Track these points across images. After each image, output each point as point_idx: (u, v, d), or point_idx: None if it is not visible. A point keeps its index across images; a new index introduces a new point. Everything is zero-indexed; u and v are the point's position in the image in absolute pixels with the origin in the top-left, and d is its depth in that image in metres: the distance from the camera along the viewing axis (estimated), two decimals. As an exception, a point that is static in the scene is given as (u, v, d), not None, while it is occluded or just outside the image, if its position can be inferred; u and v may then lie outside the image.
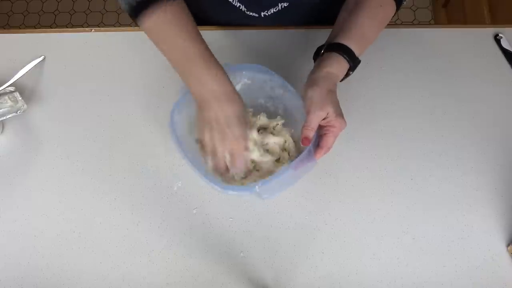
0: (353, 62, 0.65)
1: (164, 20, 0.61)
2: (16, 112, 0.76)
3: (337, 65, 0.65)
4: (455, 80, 0.81)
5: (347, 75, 0.67)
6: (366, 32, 0.67)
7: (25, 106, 0.77)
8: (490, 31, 0.85)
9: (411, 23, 1.92)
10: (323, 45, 0.68)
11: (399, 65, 0.82)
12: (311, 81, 0.64)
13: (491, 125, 0.77)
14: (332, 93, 0.63)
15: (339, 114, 0.63)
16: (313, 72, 0.66)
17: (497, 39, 0.84)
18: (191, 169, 0.61)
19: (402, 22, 1.91)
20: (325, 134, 0.64)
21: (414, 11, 1.97)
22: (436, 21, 1.90)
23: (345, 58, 0.64)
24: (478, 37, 0.85)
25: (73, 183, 0.73)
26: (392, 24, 0.75)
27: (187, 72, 0.62)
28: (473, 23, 1.54)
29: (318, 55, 0.69)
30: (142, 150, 0.76)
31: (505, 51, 0.83)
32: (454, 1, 1.78)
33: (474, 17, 1.60)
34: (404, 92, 0.80)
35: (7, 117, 0.76)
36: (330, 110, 0.62)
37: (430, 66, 0.82)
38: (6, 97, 0.77)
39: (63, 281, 0.67)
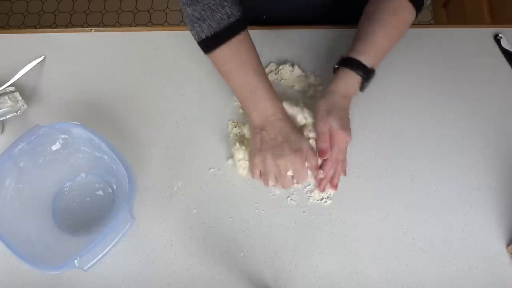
0: (366, 74, 0.68)
1: (229, 54, 0.66)
2: (16, 112, 0.76)
3: (348, 79, 0.68)
4: (455, 80, 0.81)
5: (364, 85, 0.69)
6: (379, 42, 0.68)
7: (25, 106, 0.77)
8: (490, 31, 0.85)
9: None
10: (339, 60, 0.70)
11: (399, 65, 0.82)
12: (322, 95, 0.69)
13: (491, 125, 0.77)
14: (337, 106, 0.67)
15: (343, 127, 0.66)
16: (327, 94, 0.69)
17: (497, 39, 0.84)
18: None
19: (402, 22, 1.91)
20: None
21: (414, 11, 1.97)
22: (436, 21, 1.90)
23: (357, 73, 0.67)
24: (478, 37, 0.85)
25: (73, 183, 0.73)
26: (392, 24, 0.75)
27: (248, 101, 0.68)
28: (473, 23, 1.54)
29: (335, 70, 0.71)
30: (142, 150, 0.76)
31: (505, 51, 0.83)
32: (454, 1, 1.78)
33: (474, 17, 1.60)
34: (404, 92, 0.80)
35: (7, 117, 0.76)
36: (332, 122, 0.66)
37: (430, 66, 0.82)
38: (6, 97, 0.77)
39: (63, 281, 0.67)
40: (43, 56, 0.84)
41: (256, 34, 0.85)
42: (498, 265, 0.67)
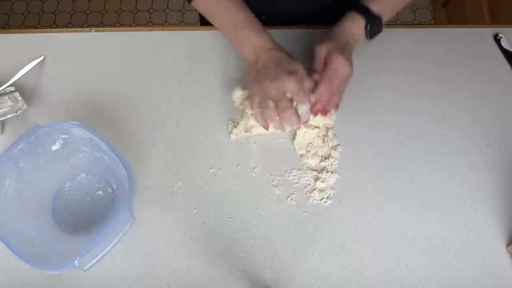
0: (370, 19, 0.69)
1: None
2: (16, 112, 0.76)
3: (352, 22, 0.70)
4: (455, 80, 0.81)
5: (371, 34, 0.71)
6: None
7: (25, 106, 0.77)
8: (490, 31, 0.85)
9: (411, 23, 1.92)
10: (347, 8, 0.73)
11: (399, 65, 0.82)
12: (321, 38, 0.70)
13: (491, 125, 0.77)
14: (337, 37, 0.69)
15: (343, 53, 0.67)
16: (327, 30, 0.72)
17: (497, 39, 0.84)
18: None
19: (402, 22, 1.91)
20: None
21: (414, 11, 1.97)
22: (436, 21, 1.90)
23: (361, 15, 0.69)
24: (478, 37, 0.85)
25: (73, 183, 0.73)
26: (392, 24, 0.76)
27: (235, 37, 0.71)
28: (473, 23, 1.54)
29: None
30: (142, 150, 0.76)
31: (505, 51, 0.83)
32: (454, 1, 1.78)
33: (474, 17, 1.60)
34: (404, 92, 0.80)
35: (7, 117, 0.76)
36: (330, 45, 0.67)
37: (430, 66, 0.82)
38: (6, 97, 0.77)
39: (63, 281, 0.67)
40: (43, 56, 0.84)
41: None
42: (498, 265, 0.67)
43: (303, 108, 0.65)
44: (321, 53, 0.68)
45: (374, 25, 0.71)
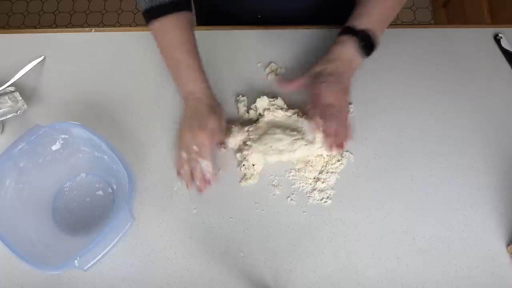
0: (362, 37, 0.70)
1: (163, 29, 0.72)
2: (16, 112, 0.76)
3: (341, 45, 0.70)
4: (455, 80, 0.81)
5: (367, 51, 0.71)
6: (377, 11, 0.72)
7: (25, 106, 0.77)
8: (490, 31, 0.85)
9: (411, 23, 1.92)
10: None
11: (399, 65, 0.82)
12: (317, 63, 0.72)
13: (491, 125, 0.77)
14: (332, 62, 0.70)
15: (335, 79, 0.69)
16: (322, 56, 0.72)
17: (497, 39, 0.84)
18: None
19: (402, 22, 1.91)
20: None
21: (414, 11, 1.97)
22: (436, 21, 1.90)
23: (350, 35, 0.70)
24: (478, 37, 0.85)
25: (73, 183, 0.73)
26: (392, 24, 0.76)
27: (173, 76, 0.75)
28: (473, 23, 1.54)
29: None
30: (142, 150, 0.76)
31: (505, 51, 0.83)
32: (454, 1, 1.78)
33: (474, 17, 1.60)
34: (404, 92, 0.80)
35: (7, 117, 0.76)
36: (326, 67, 0.69)
37: (430, 66, 0.82)
38: (6, 97, 0.77)
39: (63, 281, 0.67)
40: (43, 56, 0.84)
41: (254, 34, 0.85)
42: (498, 265, 0.67)
43: (203, 163, 0.68)
44: (309, 77, 0.71)
45: (366, 43, 0.70)
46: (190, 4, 0.75)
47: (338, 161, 0.73)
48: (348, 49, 0.70)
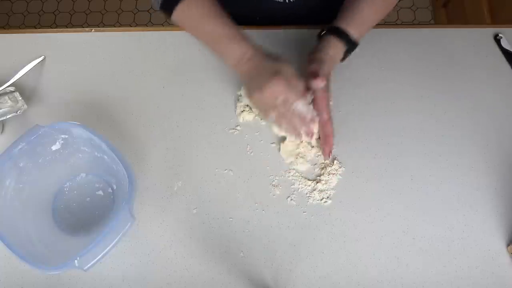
0: (350, 45, 0.70)
1: (191, 7, 0.68)
2: (16, 112, 0.76)
3: (334, 48, 0.70)
4: (455, 80, 0.81)
5: (345, 56, 0.71)
6: (365, 17, 0.71)
7: (25, 106, 0.77)
8: (490, 31, 0.85)
9: (411, 23, 1.92)
10: (325, 26, 0.72)
11: (399, 65, 0.82)
12: (315, 62, 0.69)
13: (491, 125, 0.77)
14: (329, 76, 0.69)
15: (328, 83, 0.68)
16: (311, 53, 0.70)
17: (497, 39, 0.84)
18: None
19: (402, 22, 1.91)
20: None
21: (414, 11, 1.97)
22: (436, 21, 1.90)
23: (341, 41, 0.69)
24: (478, 37, 0.85)
25: (73, 183, 0.73)
26: (392, 24, 0.76)
27: (216, 51, 0.70)
28: (473, 23, 1.54)
29: (320, 36, 0.73)
30: (142, 150, 0.76)
31: (505, 51, 0.83)
32: (454, 1, 1.78)
33: (474, 17, 1.60)
34: (404, 92, 0.80)
35: (7, 117, 0.76)
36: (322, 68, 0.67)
37: (430, 66, 0.82)
38: (6, 97, 0.77)
39: (63, 281, 0.67)
40: (43, 56, 0.84)
41: (253, 34, 0.85)
42: (498, 265, 0.67)
43: (298, 106, 0.63)
44: (319, 70, 0.67)
45: (351, 51, 0.72)
46: None
47: (339, 162, 0.73)
48: (338, 53, 0.70)
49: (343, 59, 0.72)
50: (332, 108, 0.74)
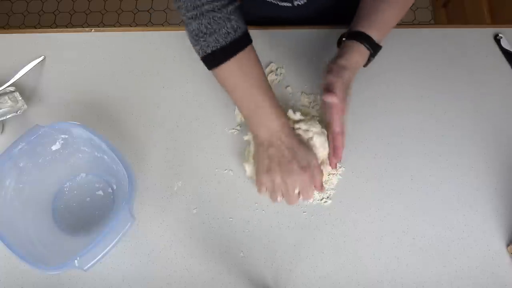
0: (373, 49, 0.68)
1: (234, 69, 0.64)
2: (16, 112, 0.76)
3: (357, 53, 0.67)
4: (455, 80, 0.81)
5: (368, 60, 0.69)
6: (386, 18, 0.69)
7: (25, 106, 0.77)
8: (490, 31, 0.85)
9: (411, 23, 1.92)
10: (345, 33, 0.70)
11: (399, 65, 0.82)
12: (335, 71, 0.66)
13: (491, 125, 0.77)
14: (350, 83, 0.67)
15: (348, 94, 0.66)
16: (334, 61, 0.67)
17: (497, 39, 0.84)
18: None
19: (402, 22, 1.91)
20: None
21: (414, 11, 1.97)
22: (436, 21, 1.90)
23: (365, 46, 0.67)
24: (478, 37, 0.85)
25: (73, 183, 0.73)
26: (392, 24, 0.75)
27: (252, 116, 0.66)
28: (473, 23, 1.53)
29: (341, 43, 0.71)
30: (142, 150, 0.76)
31: (505, 51, 0.83)
32: (454, 1, 1.78)
33: (474, 17, 1.59)
34: (404, 92, 0.80)
35: (7, 117, 0.76)
36: (341, 90, 0.65)
37: (430, 66, 0.82)
38: (6, 97, 0.77)
39: (63, 281, 0.67)
40: (43, 56, 0.84)
41: (255, 34, 0.85)
42: (498, 265, 0.67)
43: (307, 201, 0.67)
44: (336, 87, 0.65)
45: (375, 55, 0.69)
46: (249, 34, 0.66)
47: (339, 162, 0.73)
48: (362, 59, 0.68)
49: (366, 63, 0.70)
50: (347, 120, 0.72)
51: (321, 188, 0.66)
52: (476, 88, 0.80)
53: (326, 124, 0.69)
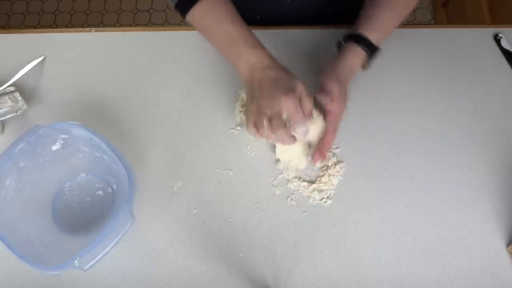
0: (372, 51, 0.68)
1: (207, 9, 0.66)
2: (16, 112, 0.76)
3: (354, 56, 0.68)
4: (455, 80, 0.81)
5: (368, 63, 0.70)
6: (385, 22, 0.69)
7: (25, 106, 0.77)
8: (490, 31, 0.85)
9: (411, 23, 1.92)
10: (343, 35, 0.70)
11: (399, 65, 0.82)
12: (332, 74, 0.66)
13: (491, 125, 0.77)
14: (347, 84, 0.67)
15: (345, 93, 0.66)
16: (333, 64, 0.68)
17: (497, 39, 0.84)
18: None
19: (402, 22, 1.91)
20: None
21: (414, 11, 1.97)
22: (436, 21, 1.90)
23: (363, 49, 0.67)
24: (478, 37, 0.85)
25: (73, 183, 0.73)
26: (392, 24, 0.75)
27: (230, 54, 0.66)
28: (473, 23, 1.53)
29: (340, 45, 0.71)
30: (142, 150, 0.76)
31: (505, 51, 0.83)
32: (454, 1, 1.78)
33: (474, 17, 1.60)
34: (404, 92, 0.80)
35: (7, 117, 0.76)
36: (338, 87, 0.65)
37: (430, 66, 0.82)
38: (6, 97, 0.77)
39: (63, 281, 0.67)
40: (43, 56, 0.84)
41: (256, 34, 0.85)
42: (498, 265, 0.67)
43: (300, 130, 0.62)
44: (334, 91, 0.64)
45: (373, 58, 0.70)
46: None
47: (339, 162, 0.73)
48: (359, 61, 0.68)
49: (367, 67, 0.70)
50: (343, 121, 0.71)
51: (309, 116, 0.62)
52: (476, 88, 0.80)
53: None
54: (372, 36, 0.67)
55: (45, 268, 0.58)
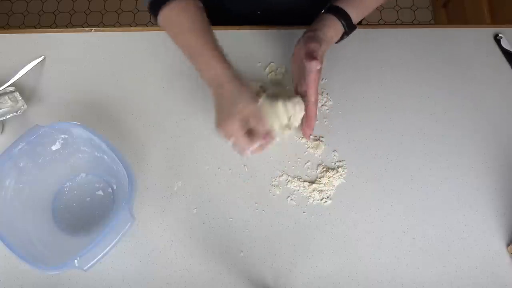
0: (349, 27, 0.70)
1: (175, 14, 0.67)
2: (16, 112, 0.76)
3: (333, 30, 0.69)
4: (455, 80, 0.81)
5: (341, 38, 0.71)
6: (367, 2, 0.72)
7: (25, 106, 0.77)
8: (490, 31, 0.85)
9: (411, 23, 1.92)
10: (326, 7, 0.72)
11: (399, 65, 0.82)
12: (315, 39, 0.68)
13: (491, 125, 0.77)
14: (325, 52, 0.69)
15: (322, 54, 0.67)
16: (309, 31, 0.69)
17: (497, 39, 0.84)
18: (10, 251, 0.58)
19: (402, 22, 1.91)
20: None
21: (414, 11, 1.97)
22: (436, 21, 1.90)
23: (342, 23, 0.69)
24: (478, 37, 0.85)
25: (73, 183, 0.73)
26: (392, 24, 0.76)
27: (194, 64, 0.68)
28: (473, 23, 1.53)
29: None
30: (142, 150, 0.76)
31: (505, 51, 0.83)
32: (454, 1, 1.78)
33: (474, 17, 1.59)
34: (404, 92, 0.80)
35: (7, 117, 0.76)
36: (312, 46, 0.66)
37: (430, 66, 0.82)
38: (6, 97, 0.77)
39: (63, 281, 0.67)
40: (43, 56, 0.84)
41: (256, 34, 0.85)
42: (498, 265, 0.67)
43: (248, 152, 0.64)
44: (318, 52, 0.67)
45: (349, 34, 0.72)
46: None
47: (340, 161, 0.73)
48: (336, 35, 0.70)
49: (338, 41, 0.72)
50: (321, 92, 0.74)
51: (263, 136, 0.63)
52: (476, 88, 0.80)
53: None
54: (352, 13, 0.69)
55: (45, 268, 0.58)
